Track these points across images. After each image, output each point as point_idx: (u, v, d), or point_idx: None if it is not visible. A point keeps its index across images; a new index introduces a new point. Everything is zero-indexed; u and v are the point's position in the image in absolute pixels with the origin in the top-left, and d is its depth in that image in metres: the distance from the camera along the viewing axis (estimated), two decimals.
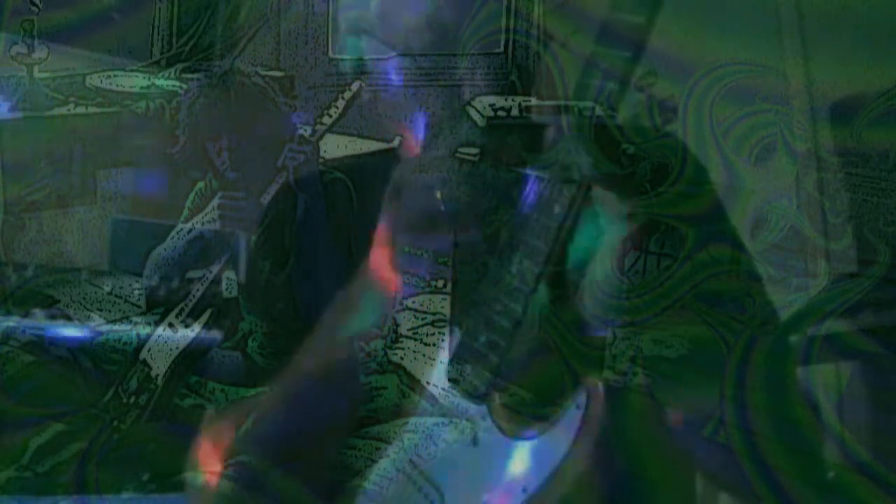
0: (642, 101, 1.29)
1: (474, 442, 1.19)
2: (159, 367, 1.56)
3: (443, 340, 1.29)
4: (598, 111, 1.15)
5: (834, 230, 1.36)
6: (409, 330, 1.31)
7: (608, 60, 1.10)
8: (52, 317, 1.60)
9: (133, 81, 1.59)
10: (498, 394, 1.19)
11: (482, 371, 1.18)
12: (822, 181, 1.37)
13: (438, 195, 1.23)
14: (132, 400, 1.57)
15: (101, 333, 1.59)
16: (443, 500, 1.20)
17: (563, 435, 1.16)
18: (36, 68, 1.58)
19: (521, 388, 1.20)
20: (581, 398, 1.17)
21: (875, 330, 1.32)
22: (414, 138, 1.34)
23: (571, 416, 1.17)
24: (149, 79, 1.59)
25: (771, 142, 1.38)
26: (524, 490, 1.16)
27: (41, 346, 1.59)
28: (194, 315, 1.55)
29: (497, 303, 1.18)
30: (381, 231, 1.33)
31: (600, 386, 1.18)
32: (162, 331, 1.56)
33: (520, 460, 1.18)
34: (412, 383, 1.30)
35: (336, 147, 1.51)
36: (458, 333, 1.23)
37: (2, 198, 1.62)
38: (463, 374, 1.20)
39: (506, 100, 1.29)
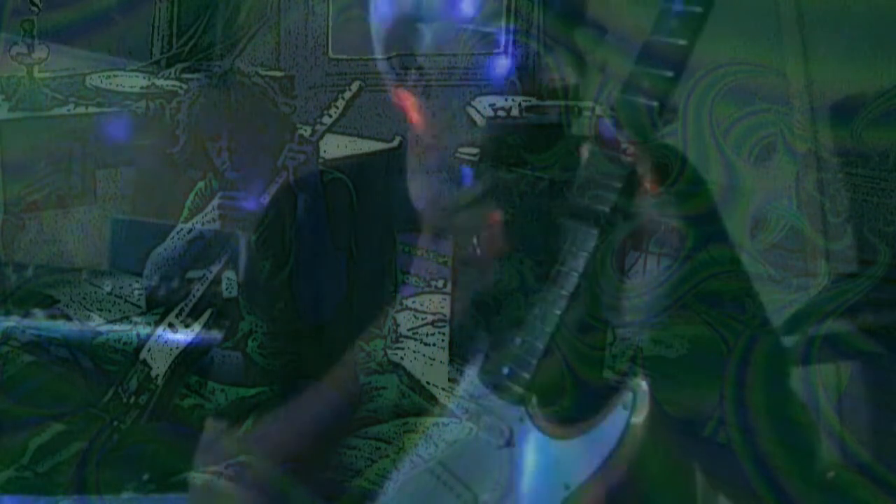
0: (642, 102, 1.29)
1: (509, 443, 1.20)
2: (159, 367, 1.56)
3: (443, 340, 1.29)
4: (598, 111, 1.15)
5: (834, 230, 1.37)
6: (409, 330, 1.31)
7: (649, 80, 1.10)
8: (52, 317, 1.60)
9: (133, 81, 1.59)
10: (535, 396, 1.19)
11: (519, 374, 1.19)
12: (822, 181, 1.38)
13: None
14: (132, 400, 1.57)
15: (101, 333, 1.59)
16: (476, 501, 1.20)
17: (608, 434, 1.16)
18: (36, 68, 1.58)
19: (522, 389, 1.20)
20: (627, 399, 1.17)
21: (875, 330, 1.32)
22: (414, 138, 1.34)
23: (617, 416, 1.17)
24: (149, 79, 1.59)
25: (771, 142, 1.38)
26: (566, 487, 1.16)
27: (41, 346, 1.60)
28: (194, 315, 1.55)
29: (536, 307, 1.18)
30: (381, 231, 1.34)
31: (646, 386, 1.18)
32: (162, 331, 1.56)
33: (561, 459, 1.18)
34: (412, 383, 1.30)
35: (336, 147, 1.51)
36: (491, 336, 1.23)
37: (2, 198, 1.62)
38: (500, 377, 1.20)
39: (506, 100, 1.29)
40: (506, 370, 1.20)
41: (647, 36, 1.10)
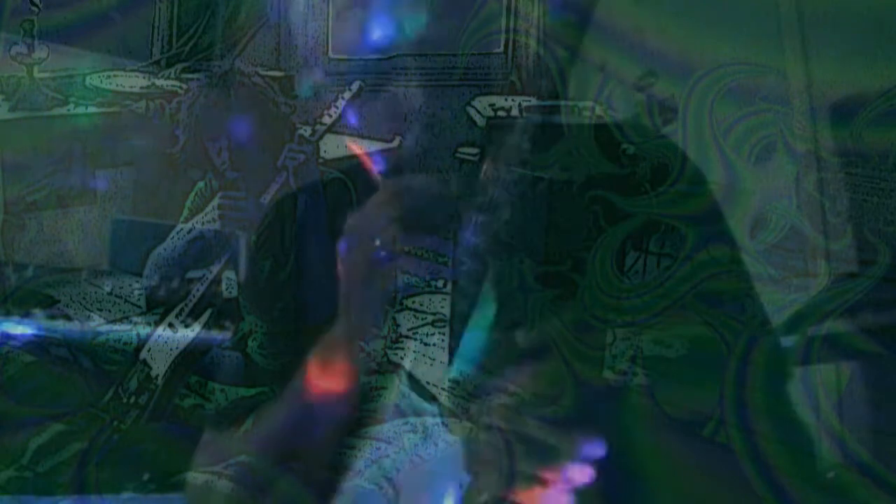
0: (642, 101, 1.29)
1: (435, 442, 1.21)
2: (159, 367, 1.56)
3: (443, 340, 1.29)
4: (598, 111, 1.15)
5: (834, 230, 1.36)
6: (409, 330, 1.31)
7: (561, 32, 1.10)
8: (52, 317, 1.60)
9: (133, 81, 1.59)
10: (499, 394, 1.19)
11: (484, 371, 1.19)
12: (822, 181, 1.38)
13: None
14: (132, 400, 1.57)
15: (101, 333, 1.59)
16: (397, 499, 1.21)
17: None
18: (36, 68, 1.58)
19: (520, 389, 1.20)
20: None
21: (875, 330, 1.32)
22: (414, 138, 1.34)
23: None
24: (149, 79, 1.59)
25: (771, 142, 1.38)
26: (461, 485, 1.18)
27: (41, 346, 1.59)
28: (194, 315, 1.55)
29: (498, 302, 1.18)
30: (381, 231, 1.33)
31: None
32: (162, 331, 1.56)
33: (458, 457, 1.19)
34: (412, 383, 1.30)
35: (336, 147, 1.51)
36: (458, 333, 1.23)
37: (2, 198, 1.62)
38: (463, 375, 1.21)
39: (506, 100, 1.29)
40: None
41: None
